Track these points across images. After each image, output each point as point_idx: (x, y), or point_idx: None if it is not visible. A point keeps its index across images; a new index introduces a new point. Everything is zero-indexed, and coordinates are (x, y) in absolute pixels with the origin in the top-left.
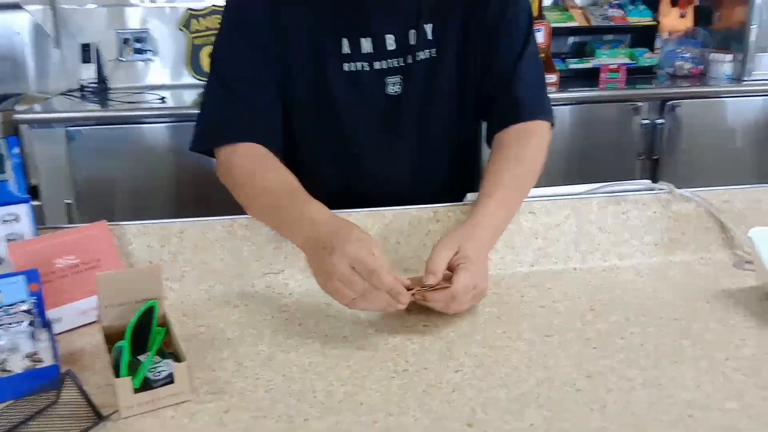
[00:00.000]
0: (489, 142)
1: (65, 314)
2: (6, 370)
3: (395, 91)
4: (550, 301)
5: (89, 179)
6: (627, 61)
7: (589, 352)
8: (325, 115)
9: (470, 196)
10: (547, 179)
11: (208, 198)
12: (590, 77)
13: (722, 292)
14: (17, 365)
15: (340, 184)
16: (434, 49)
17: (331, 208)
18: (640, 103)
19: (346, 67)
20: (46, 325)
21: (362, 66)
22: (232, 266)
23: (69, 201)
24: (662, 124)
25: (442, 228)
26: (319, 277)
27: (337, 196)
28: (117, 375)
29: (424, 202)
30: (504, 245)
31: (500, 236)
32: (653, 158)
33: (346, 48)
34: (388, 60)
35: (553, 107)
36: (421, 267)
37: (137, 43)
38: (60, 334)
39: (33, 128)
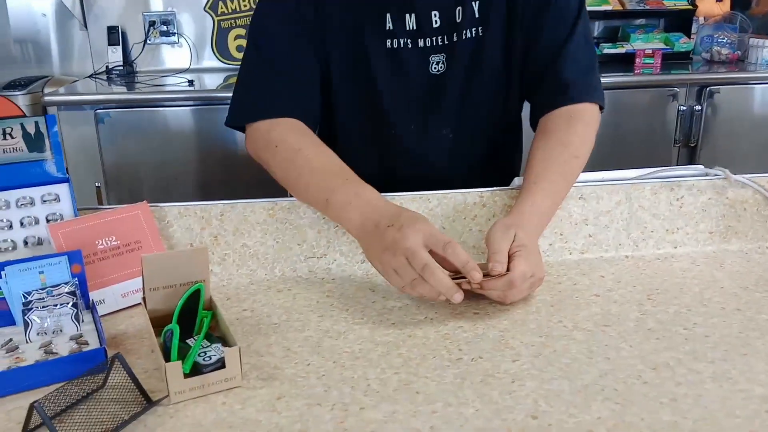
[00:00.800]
0: (533, 124)
1: (107, 296)
2: (53, 353)
3: (438, 70)
4: (605, 290)
5: (118, 162)
6: (662, 46)
7: (652, 343)
8: (365, 92)
9: (517, 181)
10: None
11: (233, 181)
12: (624, 62)
13: None
14: (63, 348)
15: (376, 163)
16: (480, 27)
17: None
18: (677, 89)
19: (388, 43)
20: (90, 307)
21: (405, 43)
22: (274, 250)
23: (98, 184)
24: (700, 110)
25: (488, 213)
26: (380, 254)
27: (372, 176)
28: (167, 359)
29: (460, 185)
30: (552, 232)
31: (547, 225)
32: (690, 145)
33: (389, 24)
34: (433, 37)
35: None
36: (467, 252)
37: (163, 26)
38: (102, 316)
39: (61, 110)
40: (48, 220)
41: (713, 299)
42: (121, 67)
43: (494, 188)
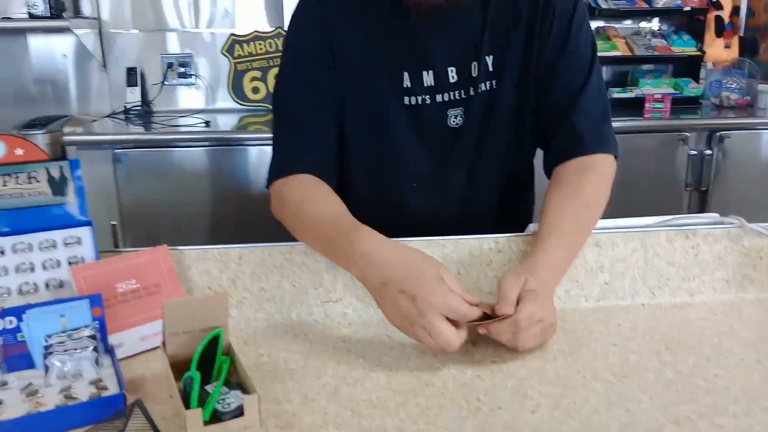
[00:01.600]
0: (548, 173)
1: (126, 340)
2: (72, 398)
3: (456, 123)
4: (622, 339)
5: (135, 201)
6: (671, 91)
7: (673, 395)
8: (380, 147)
9: (532, 227)
10: None
11: (249, 221)
12: (633, 107)
13: None
14: (83, 392)
15: (389, 213)
16: (494, 80)
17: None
18: (687, 134)
19: (406, 100)
20: (109, 350)
21: (424, 99)
22: (291, 294)
23: (114, 222)
24: (710, 155)
25: (503, 258)
26: (394, 319)
27: (384, 225)
28: (187, 406)
29: (472, 232)
30: (568, 279)
31: (563, 275)
32: (701, 189)
33: (407, 82)
34: (450, 92)
35: None
36: (482, 298)
37: (181, 68)
38: (120, 360)
39: (80, 150)
40: (70, 263)
41: (733, 350)
42: (139, 107)
43: (509, 234)
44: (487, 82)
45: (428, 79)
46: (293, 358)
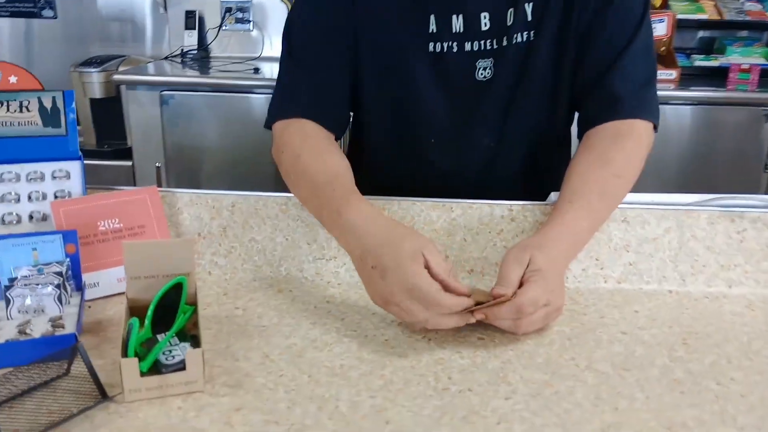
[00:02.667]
0: (580, 137)
1: (103, 280)
2: (26, 333)
3: (485, 77)
4: (635, 327)
5: (179, 144)
6: (762, 61)
7: (675, 396)
8: (401, 98)
9: (553, 196)
10: (655, 186)
11: None
12: (717, 77)
13: None
14: (39, 329)
15: (408, 174)
16: (532, 31)
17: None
18: None
19: (431, 47)
20: (80, 290)
21: (450, 46)
22: (282, 247)
23: (158, 164)
24: None
25: (516, 228)
26: (372, 296)
27: (402, 188)
28: (124, 354)
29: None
30: (587, 255)
31: (581, 249)
32: None
33: (432, 26)
34: (481, 41)
35: (671, 106)
36: (487, 269)
37: (240, 13)
38: (95, 300)
39: (129, 90)
40: (56, 197)
41: (762, 352)
42: (195, 51)
43: (526, 202)
44: (524, 33)
45: (457, 24)
46: (268, 315)
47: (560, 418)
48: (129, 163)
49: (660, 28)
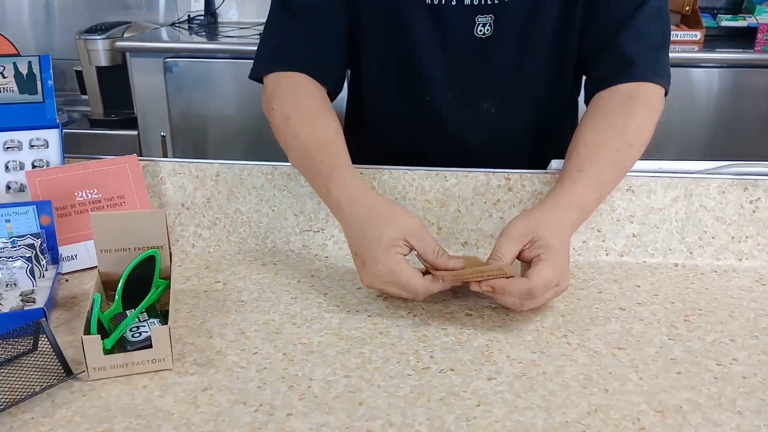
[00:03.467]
0: (588, 99)
1: (81, 252)
2: None
3: (484, 33)
4: (634, 303)
5: (184, 112)
6: None
7: (671, 377)
8: (399, 56)
9: (555, 164)
10: (679, 152)
11: None
12: (746, 38)
13: None
14: (9, 303)
15: (406, 139)
16: None
17: (394, 164)
18: None
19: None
20: (56, 263)
21: (448, 0)
22: (268, 218)
23: (164, 133)
24: None
25: (513, 198)
26: (359, 277)
27: (401, 154)
28: (87, 331)
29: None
30: (588, 226)
31: (583, 222)
32: None
33: None
34: None
35: (696, 69)
36: (482, 242)
37: None
38: (72, 273)
39: (133, 57)
40: (34, 166)
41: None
42: (202, 17)
43: (524, 170)
44: None
45: None
46: (249, 289)
47: (544, 400)
48: (134, 133)
49: None
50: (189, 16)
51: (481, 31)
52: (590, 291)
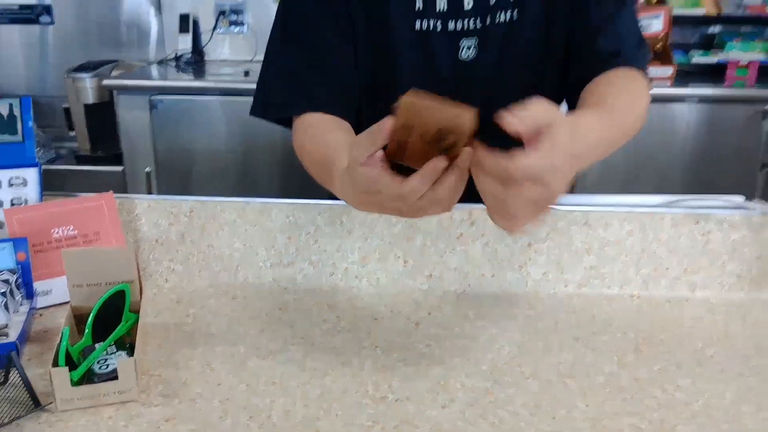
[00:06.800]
0: (573, 104)
1: (56, 287)
2: None
3: (468, 57)
4: (589, 333)
5: (170, 149)
6: (762, 57)
7: (615, 404)
8: (386, 79)
9: None
10: (652, 185)
11: (284, 174)
12: (715, 74)
13: None
14: None
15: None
16: (515, 11)
17: None
18: None
19: (417, 24)
20: (31, 298)
21: (435, 25)
22: (240, 253)
23: (149, 170)
24: None
25: (476, 232)
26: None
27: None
28: (56, 363)
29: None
30: (548, 259)
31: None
32: None
33: (419, 3)
34: (464, 20)
35: (666, 104)
36: (446, 274)
37: (234, 15)
38: (48, 307)
39: (120, 95)
40: (12, 204)
41: (715, 358)
42: (190, 55)
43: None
44: (506, 12)
45: (441, 2)
46: (218, 323)
47: (494, 427)
48: (119, 169)
49: (656, 25)
50: (176, 53)
51: (465, 54)
52: (547, 322)
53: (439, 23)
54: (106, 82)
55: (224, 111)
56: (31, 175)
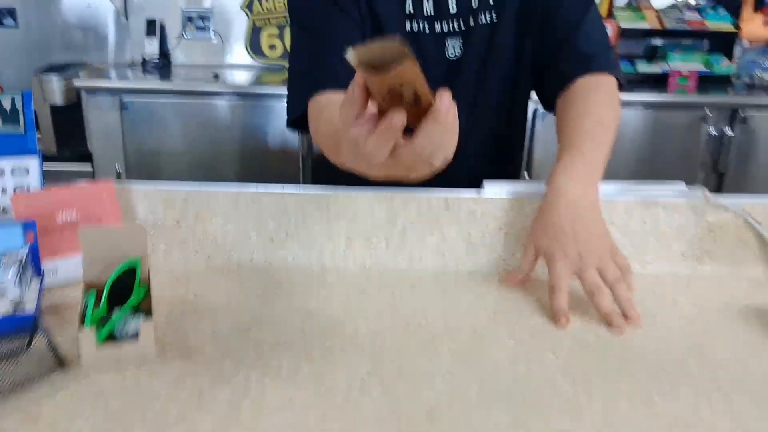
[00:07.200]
0: (551, 104)
1: (61, 267)
2: None
3: (455, 55)
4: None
5: (139, 149)
6: (700, 67)
7: (581, 354)
8: None
9: (487, 184)
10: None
11: (251, 174)
12: (659, 82)
13: (752, 310)
14: (0, 311)
15: None
16: (495, 13)
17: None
18: (707, 112)
19: (407, 26)
20: (40, 275)
21: (423, 27)
22: (233, 237)
23: (119, 171)
24: (731, 135)
25: (451, 216)
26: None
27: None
28: (82, 325)
29: (465, 175)
30: (516, 241)
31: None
32: (719, 172)
33: (409, 7)
34: (449, 21)
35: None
36: (426, 256)
37: (201, 21)
38: (53, 286)
39: (90, 96)
40: (15, 191)
41: (666, 321)
42: (157, 59)
43: (460, 193)
44: (487, 14)
45: (428, 7)
46: (218, 297)
47: (478, 376)
48: (89, 168)
49: None
50: (143, 57)
51: (451, 52)
52: (518, 293)
53: (426, 26)
54: (78, 83)
55: (192, 112)
56: (33, 163)
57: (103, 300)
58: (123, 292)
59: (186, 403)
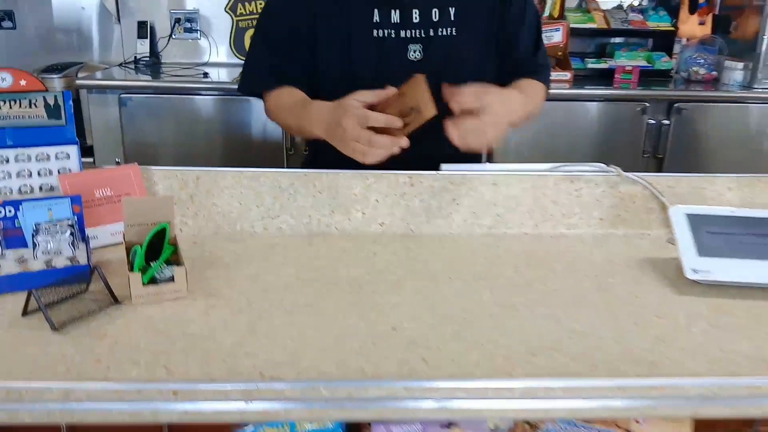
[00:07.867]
0: None
1: (99, 233)
2: (52, 266)
3: (416, 58)
4: (495, 255)
5: (137, 142)
6: (643, 63)
7: (512, 295)
8: (348, 78)
9: (444, 167)
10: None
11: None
12: (606, 77)
13: (648, 260)
14: (60, 263)
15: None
16: (454, 29)
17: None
18: (647, 104)
19: (375, 33)
20: (85, 239)
21: (389, 33)
22: (237, 210)
23: (118, 160)
24: (668, 125)
25: (414, 191)
26: (340, 147)
27: (352, 162)
28: (131, 270)
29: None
30: (467, 209)
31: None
32: (658, 156)
33: (376, 17)
34: (412, 29)
35: (567, 103)
36: (396, 223)
37: (188, 23)
38: (94, 248)
39: (90, 94)
40: (59, 172)
41: (581, 268)
42: (148, 58)
43: (422, 172)
44: (447, 28)
45: (395, 16)
46: (229, 255)
47: (433, 307)
48: (90, 160)
49: (557, 36)
50: (135, 57)
51: (413, 55)
52: (467, 252)
53: (392, 32)
54: (79, 81)
55: (182, 108)
56: (73, 150)
57: (142, 252)
58: (155, 249)
59: (214, 326)
